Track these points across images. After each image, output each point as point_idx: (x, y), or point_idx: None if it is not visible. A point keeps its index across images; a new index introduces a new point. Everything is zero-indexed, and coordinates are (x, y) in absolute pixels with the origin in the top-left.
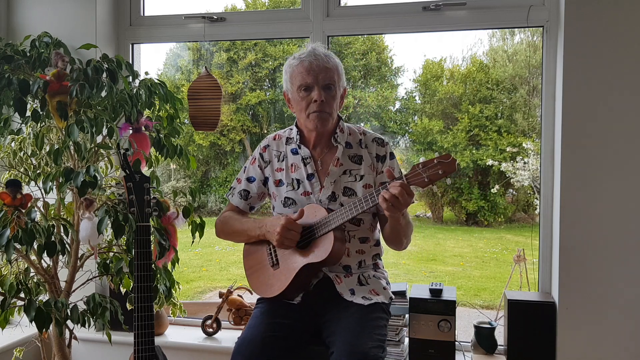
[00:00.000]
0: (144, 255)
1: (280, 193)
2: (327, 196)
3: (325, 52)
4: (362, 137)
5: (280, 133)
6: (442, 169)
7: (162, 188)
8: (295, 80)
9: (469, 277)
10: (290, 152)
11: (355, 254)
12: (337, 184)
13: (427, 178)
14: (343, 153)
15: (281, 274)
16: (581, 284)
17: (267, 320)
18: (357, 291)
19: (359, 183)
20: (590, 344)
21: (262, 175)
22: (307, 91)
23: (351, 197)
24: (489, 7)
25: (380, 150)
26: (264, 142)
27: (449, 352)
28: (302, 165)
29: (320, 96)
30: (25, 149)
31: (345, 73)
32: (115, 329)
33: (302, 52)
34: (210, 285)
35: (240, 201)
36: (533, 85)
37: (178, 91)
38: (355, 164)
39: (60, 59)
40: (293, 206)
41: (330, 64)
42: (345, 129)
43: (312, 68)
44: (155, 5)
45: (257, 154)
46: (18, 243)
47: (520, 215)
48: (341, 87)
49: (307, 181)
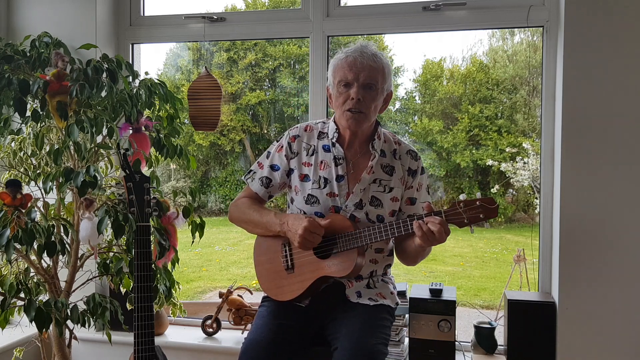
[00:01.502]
0: (144, 255)
1: (304, 189)
2: (355, 203)
3: (374, 51)
4: (397, 147)
5: (312, 125)
6: (484, 213)
7: (162, 188)
8: (337, 75)
9: (469, 277)
10: (321, 148)
11: (369, 263)
12: (365, 192)
13: (467, 219)
14: (377, 161)
15: (295, 280)
16: (581, 284)
17: (274, 322)
18: (364, 293)
19: (387, 195)
20: (590, 344)
21: (287, 165)
22: (346, 87)
23: (377, 207)
24: (489, 7)
25: (413, 164)
26: (294, 132)
27: (449, 352)
28: (332, 165)
29: (358, 94)
30: (25, 149)
31: None
32: (115, 329)
33: (350, 48)
34: (210, 285)
35: (260, 188)
36: (533, 85)
37: (178, 91)
38: (386, 175)
39: (60, 59)
40: (316, 205)
41: (377, 63)
42: (382, 136)
43: (355, 64)
44: (155, 5)
45: (284, 142)
46: (18, 243)
47: (520, 215)
48: (385, 90)
49: (336, 182)
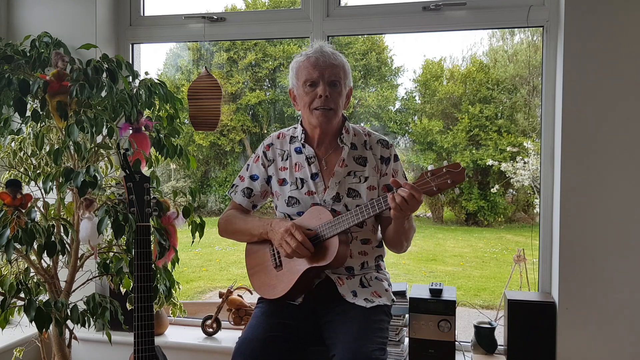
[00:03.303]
0: (144, 255)
1: (283, 192)
2: (332, 197)
3: (332, 50)
4: (367, 138)
5: (284, 132)
6: (451, 178)
7: (162, 188)
8: (301, 75)
9: (469, 277)
10: (294, 151)
11: (358, 255)
12: (341, 185)
13: (436, 187)
14: (348, 154)
15: (284, 276)
16: (581, 284)
17: (268, 321)
18: (359, 293)
19: (363, 185)
20: (590, 344)
21: (265, 173)
22: (312, 86)
23: (355, 198)
24: (489, 7)
25: (385, 152)
26: (268, 141)
27: (449, 352)
28: (306, 165)
29: (325, 91)
30: (25, 149)
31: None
32: (115, 329)
33: (309, 50)
34: (210, 285)
35: (243, 199)
36: (533, 85)
37: (178, 91)
38: (359, 166)
39: (60, 59)
40: (297, 205)
41: (337, 61)
42: (350, 130)
43: (318, 64)
44: (155, 5)
45: (260, 152)
46: (18, 243)
47: (520, 215)
48: (347, 85)
49: (311, 181)
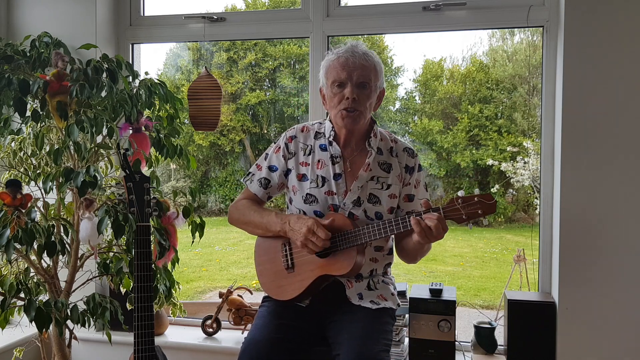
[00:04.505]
0: (144, 255)
1: (302, 188)
2: (353, 200)
3: (365, 50)
4: (394, 145)
5: (309, 125)
6: (482, 209)
7: (162, 188)
8: (330, 75)
9: (469, 277)
10: (318, 148)
11: (369, 261)
12: (363, 190)
13: (466, 215)
14: (374, 159)
15: (295, 279)
16: (581, 284)
17: (275, 322)
18: (365, 295)
19: (385, 192)
20: (590, 344)
21: (285, 166)
22: (340, 87)
23: (375, 204)
24: (489, 7)
25: (410, 161)
26: (291, 132)
27: (449, 352)
28: (329, 163)
29: (353, 93)
30: (25, 149)
31: None
32: (115, 329)
33: (341, 48)
34: (210, 285)
35: (259, 189)
36: (533, 84)
37: (178, 91)
38: (383, 172)
39: (60, 59)
40: (314, 204)
41: (368, 62)
42: (378, 134)
43: (347, 64)
44: (155, 5)
45: (282, 143)
46: (18, 243)
47: (520, 215)
48: (378, 87)
49: (333, 181)
